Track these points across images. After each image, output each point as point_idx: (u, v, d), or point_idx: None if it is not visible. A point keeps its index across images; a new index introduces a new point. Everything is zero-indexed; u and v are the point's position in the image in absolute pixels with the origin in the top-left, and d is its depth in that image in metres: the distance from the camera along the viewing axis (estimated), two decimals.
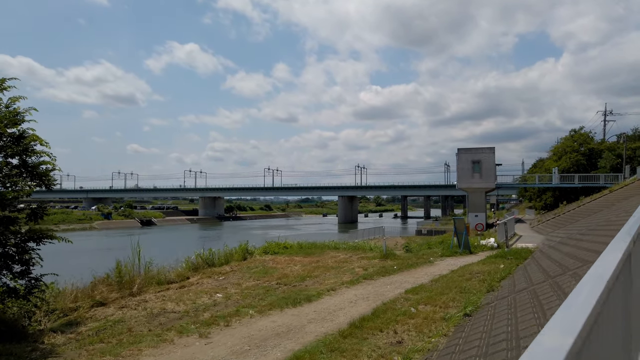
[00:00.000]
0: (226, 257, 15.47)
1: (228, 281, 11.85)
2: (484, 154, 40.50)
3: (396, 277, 12.18)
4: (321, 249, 19.35)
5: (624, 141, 41.54)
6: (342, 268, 13.92)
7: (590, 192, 37.99)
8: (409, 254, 17.57)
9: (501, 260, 13.65)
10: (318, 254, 17.47)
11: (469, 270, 12.41)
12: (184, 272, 13.08)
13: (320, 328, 7.48)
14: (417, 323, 7.36)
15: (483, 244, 18.09)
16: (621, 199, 24.28)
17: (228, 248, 16.36)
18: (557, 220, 31.04)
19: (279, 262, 14.92)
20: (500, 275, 11.22)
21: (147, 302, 9.29)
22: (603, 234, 11.82)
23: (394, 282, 11.33)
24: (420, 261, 14.76)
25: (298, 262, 15.20)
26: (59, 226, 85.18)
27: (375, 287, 10.74)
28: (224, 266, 14.30)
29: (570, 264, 8.65)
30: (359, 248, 19.38)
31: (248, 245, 17.55)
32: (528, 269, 11.11)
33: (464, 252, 16.55)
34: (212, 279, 12.22)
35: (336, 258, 16.31)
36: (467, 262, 14.25)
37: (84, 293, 10.19)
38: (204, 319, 7.96)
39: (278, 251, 17.82)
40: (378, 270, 12.90)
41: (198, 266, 14.13)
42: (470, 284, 10.63)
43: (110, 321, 7.81)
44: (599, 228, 14.10)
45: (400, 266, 13.63)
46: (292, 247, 19.61)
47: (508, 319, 6.22)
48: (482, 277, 11.32)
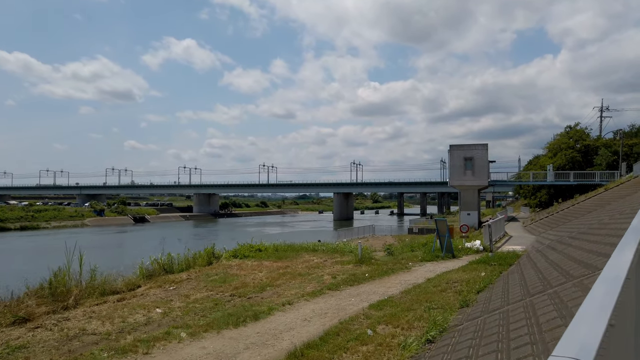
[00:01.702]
0: (187, 263, 14.27)
1: (178, 292, 10.66)
2: (476, 151, 39.33)
3: (365, 286, 11.03)
4: (297, 252, 18.20)
5: (620, 137, 40.43)
6: (311, 275, 12.76)
7: (586, 189, 36.93)
8: (389, 258, 16.42)
9: (483, 267, 12.52)
10: (291, 258, 16.31)
11: (446, 279, 11.27)
12: (134, 280, 11.89)
13: (255, 357, 6.33)
14: (368, 352, 6.21)
15: (468, 247, 16.95)
16: (616, 197, 23.20)
17: (190, 252, 15.11)
18: (550, 219, 29.96)
19: (244, 268, 13.75)
20: (479, 286, 10.09)
21: (69, 320, 8.10)
22: (593, 239, 10.69)
23: (361, 294, 10.18)
24: (397, 267, 13.62)
25: (265, 267, 14.03)
26: (50, 223, 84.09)
27: (338, 300, 9.59)
28: (182, 273, 13.11)
29: (554, 278, 7.50)
30: (338, 251, 18.23)
31: (215, 249, 16.35)
32: (510, 279, 9.97)
33: (446, 256, 15.40)
34: (161, 289, 11.04)
35: (309, 263, 15.16)
36: (447, 269, 13.11)
37: (8, 307, 9.00)
38: (124, 344, 6.79)
39: (248, 255, 16.63)
40: (347, 279, 11.75)
41: (154, 273, 12.94)
42: (444, 296, 9.50)
43: (10, 348, 6.63)
44: (590, 231, 12.98)
45: (372, 273, 12.47)
46: (267, 250, 18.44)
47: (469, 350, 5.10)
48: (459, 288, 10.18)
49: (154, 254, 14.83)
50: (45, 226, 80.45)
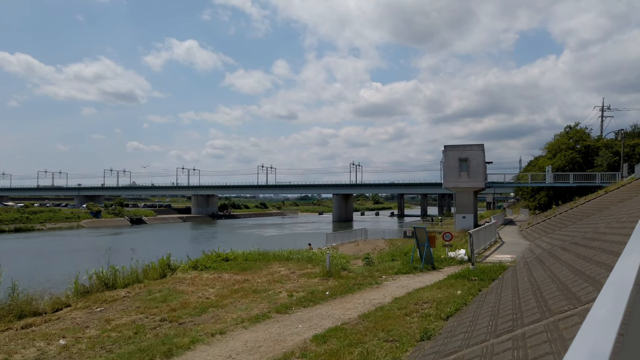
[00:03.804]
0: (135, 276, 12.83)
1: (103, 315, 9.24)
2: (471, 152, 37.78)
3: (322, 308, 9.59)
4: (267, 261, 16.76)
5: (622, 138, 38.79)
6: (268, 292, 11.32)
7: (586, 191, 35.37)
8: (364, 269, 14.94)
9: (462, 283, 11.05)
10: (256, 269, 14.86)
11: (416, 299, 9.82)
12: (63, 299, 10.49)
13: None
14: None
15: (452, 257, 15.45)
16: (616, 201, 21.69)
17: (137, 264, 13.65)
18: (547, 223, 28.44)
19: (196, 283, 12.33)
20: (450, 309, 8.65)
21: None
22: (585, 253, 9.23)
23: (313, 318, 8.74)
24: (367, 282, 12.15)
25: (221, 282, 12.59)
26: (45, 225, 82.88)
27: (281, 327, 8.14)
28: (124, 289, 11.68)
29: (529, 310, 6.05)
30: (313, 260, 16.76)
31: (171, 259, 14.91)
32: (485, 302, 8.51)
33: (425, 268, 13.93)
34: (86, 311, 9.62)
35: (273, 275, 13.71)
36: (423, 284, 11.64)
37: None
38: None
39: (210, 266, 15.17)
40: (304, 298, 10.30)
41: (91, 289, 11.53)
42: (406, 322, 8.06)
43: None
44: (582, 242, 11.50)
45: (336, 290, 11.02)
46: (236, 259, 17.01)
47: None
48: (427, 311, 8.73)
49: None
50: (40, 228, 79.42)
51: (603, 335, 0.87)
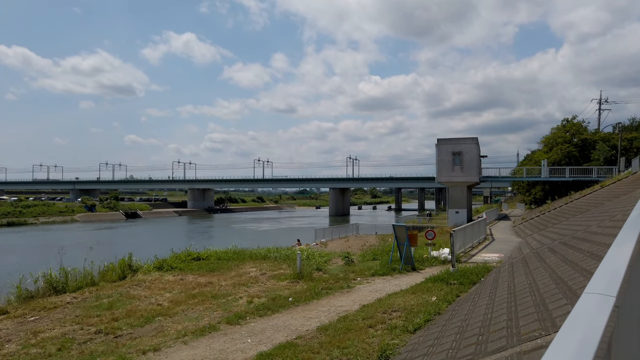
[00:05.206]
0: (88, 279, 11.86)
1: (34, 325, 8.30)
2: (465, 145, 36.76)
3: (280, 317, 8.65)
4: (241, 260, 15.82)
5: (619, 131, 37.79)
6: (228, 297, 10.38)
7: (582, 186, 34.46)
8: (342, 269, 13.99)
9: (439, 287, 10.11)
10: (226, 270, 13.92)
11: (385, 306, 8.88)
12: (1, 306, 9.54)
13: None
14: None
15: (435, 256, 14.52)
16: (611, 196, 20.78)
17: (92, 265, 12.67)
18: (541, 219, 27.55)
19: (153, 287, 11.38)
20: (420, 320, 7.71)
21: None
22: (572, 257, 8.31)
23: (266, 330, 7.80)
24: (338, 285, 11.21)
25: (181, 285, 11.66)
26: (38, 219, 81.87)
27: (227, 342, 7.20)
28: (72, 293, 10.73)
29: (498, 330, 5.11)
30: (290, 258, 15.83)
31: (132, 260, 13.95)
32: (458, 313, 7.58)
33: (404, 269, 12.99)
34: (18, 320, 8.67)
35: (241, 277, 12.77)
36: (397, 288, 10.70)
37: None
38: None
39: (176, 266, 14.22)
40: (263, 304, 9.36)
41: (37, 294, 10.58)
42: (368, 336, 7.12)
43: None
44: (571, 242, 10.58)
45: (301, 295, 10.08)
46: (209, 257, 16.07)
47: None
48: (395, 322, 7.80)
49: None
50: (33, 222, 78.41)
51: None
